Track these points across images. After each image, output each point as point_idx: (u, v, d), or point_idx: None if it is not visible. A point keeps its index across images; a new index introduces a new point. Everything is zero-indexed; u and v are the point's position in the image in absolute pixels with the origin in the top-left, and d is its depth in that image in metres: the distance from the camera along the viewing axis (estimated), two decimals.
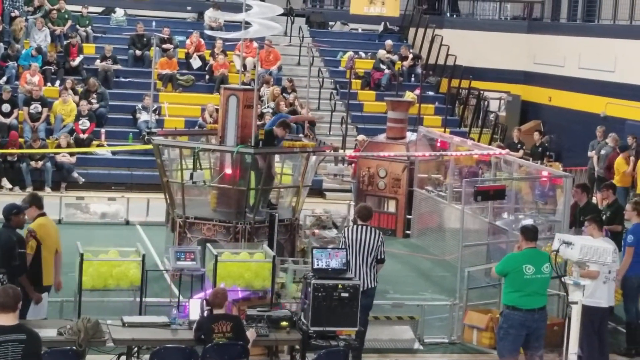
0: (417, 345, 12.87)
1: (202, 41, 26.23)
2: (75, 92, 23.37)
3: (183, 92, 25.01)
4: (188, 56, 25.99)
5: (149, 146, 16.76)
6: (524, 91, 29.06)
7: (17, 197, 19.22)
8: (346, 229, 12.11)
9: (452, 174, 18.62)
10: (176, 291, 12.25)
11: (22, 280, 10.35)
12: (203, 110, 23.39)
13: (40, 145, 21.16)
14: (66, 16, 25.99)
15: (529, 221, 14.46)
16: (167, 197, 15.40)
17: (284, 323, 10.35)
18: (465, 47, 27.99)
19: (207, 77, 25.67)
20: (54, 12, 25.85)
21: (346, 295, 10.17)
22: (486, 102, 28.62)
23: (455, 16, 31.39)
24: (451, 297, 13.88)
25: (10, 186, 20.64)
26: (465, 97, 28.16)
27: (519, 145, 23.93)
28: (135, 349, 10.37)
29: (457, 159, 18.61)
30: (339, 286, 10.18)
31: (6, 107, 22.33)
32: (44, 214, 11.22)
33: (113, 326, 10.21)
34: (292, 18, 27.99)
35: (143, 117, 23.17)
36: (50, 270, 11.08)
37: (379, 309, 12.94)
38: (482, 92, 28.31)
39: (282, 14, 21.21)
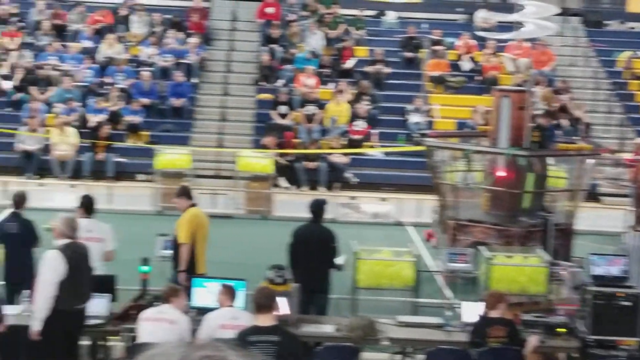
0: None
1: (473, 42, 26.07)
2: (348, 94, 23.83)
3: (453, 94, 24.94)
4: (459, 57, 25.91)
5: (420, 147, 16.82)
6: None
7: (294, 196, 19.93)
8: (627, 235, 11.67)
9: None
10: (449, 293, 12.22)
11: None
12: (474, 112, 23.23)
13: (315, 146, 21.72)
14: (340, 20, 26.58)
15: None
16: (439, 198, 15.39)
17: (561, 330, 10.08)
18: None
19: (477, 78, 25.49)
20: (328, 15, 26.50)
21: (627, 304, 9.79)
22: None
23: None
24: None
25: (287, 185, 21.30)
26: None
27: None
28: (408, 349, 10.42)
29: None
30: (620, 294, 9.81)
31: (283, 109, 23.11)
32: (194, 205, 11.57)
33: (387, 325, 10.30)
34: (567, 17, 27.28)
35: (413, 118, 23.30)
36: (202, 259, 11.32)
37: None
38: None
39: (558, 14, 20.68)
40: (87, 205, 11.20)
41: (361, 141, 22.68)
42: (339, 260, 11.54)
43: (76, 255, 9.37)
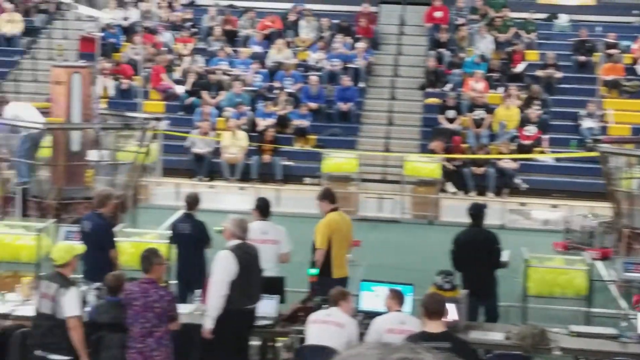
0: None
1: None
2: (518, 99, 23.42)
3: (629, 99, 24.16)
4: (635, 61, 25.07)
5: (593, 153, 16.33)
6: None
7: (462, 201, 19.68)
8: None
9: None
10: (623, 303, 11.80)
11: None
12: None
13: (483, 151, 21.40)
14: (510, 23, 26.15)
15: None
16: (613, 206, 14.89)
17: None
18: None
19: None
20: (498, 19, 26.12)
21: None
22: None
23: None
24: None
25: (454, 190, 21.06)
26: None
27: None
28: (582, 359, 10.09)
29: None
30: None
31: (451, 113, 22.89)
32: (336, 209, 11.41)
33: (559, 334, 10.00)
34: None
35: (587, 123, 22.67)
36: (339, 263, 11.13)
37: None
38: None
39: None
40: (263, 208, 11.29)
41: (531, 146, 22.21)
42: (503, 256, 11.32)
43: (247, 256, 9.46)
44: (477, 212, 11.56)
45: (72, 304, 8.55)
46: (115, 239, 11.18)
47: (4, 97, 16.57)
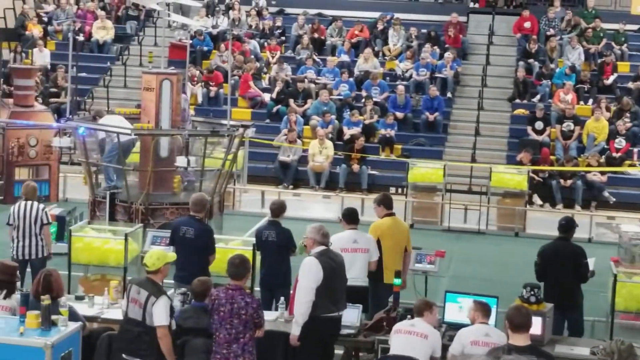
0: None
1: None
2: (607, 111, 23.05)
3: None
4: None
5: None
6: None
7: (548, 214, 19.46)
8: None
9: None
10: None
11: None
12: None
13: (572, 163, 21.10)
14: (601, 34, 25.75)
15: None
16: None
17: None
18: None
19: None
20: (590, 30, 25.74)
21: None
22: None
23: None
24: None
25: (541, 202, 20.79)
26: None
27: None
28: None
29: None
30: None
31: (539, 125, 22.63)
32: (391, 214, 11.44)
33: None
34: None
35: None
36: (390, 268, 11.02)
37: None
38: None
39: None
40: (351, 217, 11.32)
41: (621, 159, 21.83)
42: (590, 265, 11.17)
43: (332, 262, 9.47)
44: (568, 225, 11.42)
45: (162, 314, 8.64)
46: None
47: (100, 111, 16.88)
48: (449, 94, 24.52)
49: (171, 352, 8.66)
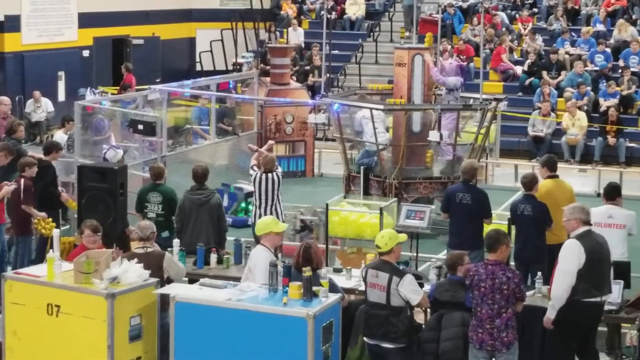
0: None
1: None
2: None
3: None
4: None
5: None
6: None
7: None
8: None
9: None
10: None
11: None
12: None
13: None
14: None
15: None
16: None
17: None
18: None
19: None
20: None
21: None
22: None
23: None
24: None
25: None
26: None
27: None
28: None
29: None
30: None
31: None
32: (553, 176, 11.60)
33: None
34: None
35: None
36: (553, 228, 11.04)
37: None
38: None
39: None
40: (610, 193, 11.13)
41: None
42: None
43: (596, 244, 9.06)
44: None
45: (414, 291, 8.83)
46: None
47: (363, 96, 16.94)
48: None
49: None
